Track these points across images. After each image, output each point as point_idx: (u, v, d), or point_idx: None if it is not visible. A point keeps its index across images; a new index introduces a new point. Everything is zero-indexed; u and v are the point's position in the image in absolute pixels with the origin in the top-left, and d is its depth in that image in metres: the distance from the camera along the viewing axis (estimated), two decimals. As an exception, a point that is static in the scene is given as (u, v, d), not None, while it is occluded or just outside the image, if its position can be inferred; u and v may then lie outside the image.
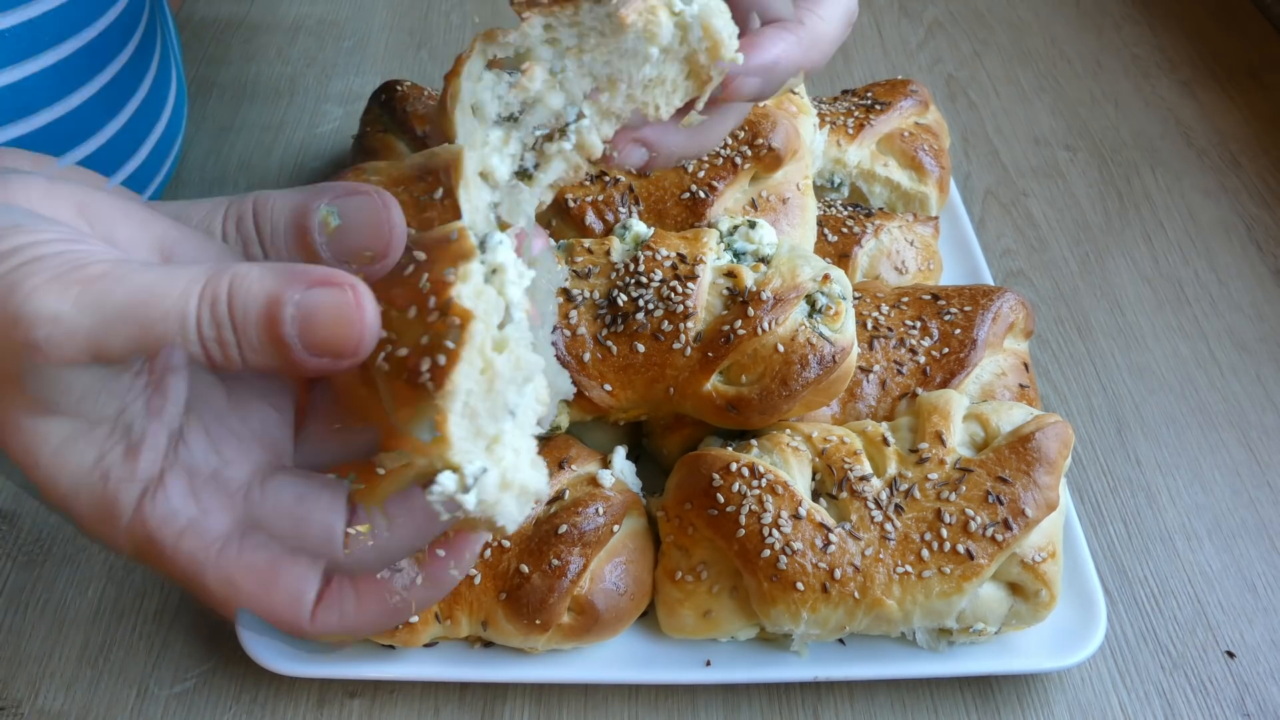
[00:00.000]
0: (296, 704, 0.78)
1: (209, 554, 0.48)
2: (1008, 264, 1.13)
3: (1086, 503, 0.91)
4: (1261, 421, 0.97)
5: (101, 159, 0.98)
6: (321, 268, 0.47)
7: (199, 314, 0.45)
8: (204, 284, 0.45)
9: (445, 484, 0.45)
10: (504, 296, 0.48)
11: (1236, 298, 1.09)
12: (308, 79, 1.38)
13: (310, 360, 0.46)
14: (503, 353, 0.47)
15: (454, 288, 0.45)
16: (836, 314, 0.77)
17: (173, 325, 0.44)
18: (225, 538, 0.49)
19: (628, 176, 0.84)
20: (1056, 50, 1.44)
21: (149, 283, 0.45)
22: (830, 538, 0.72)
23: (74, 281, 0.44)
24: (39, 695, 0.79)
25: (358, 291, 0.46)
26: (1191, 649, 0.82)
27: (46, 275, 0.44)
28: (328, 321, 0.45)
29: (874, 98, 1.08)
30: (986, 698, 0.78)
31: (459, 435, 0.45)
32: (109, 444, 0.47)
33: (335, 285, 0.46)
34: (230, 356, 0.46)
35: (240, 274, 0.46)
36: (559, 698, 0.78)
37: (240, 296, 0.45)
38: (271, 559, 0.50)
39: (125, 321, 0.44)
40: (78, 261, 0.45)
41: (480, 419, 0.46)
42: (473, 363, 0.45)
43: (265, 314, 0.45)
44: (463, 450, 0.45)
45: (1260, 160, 1.25)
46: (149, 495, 0.48)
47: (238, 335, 0.45)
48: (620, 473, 0.80)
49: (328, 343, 0.46)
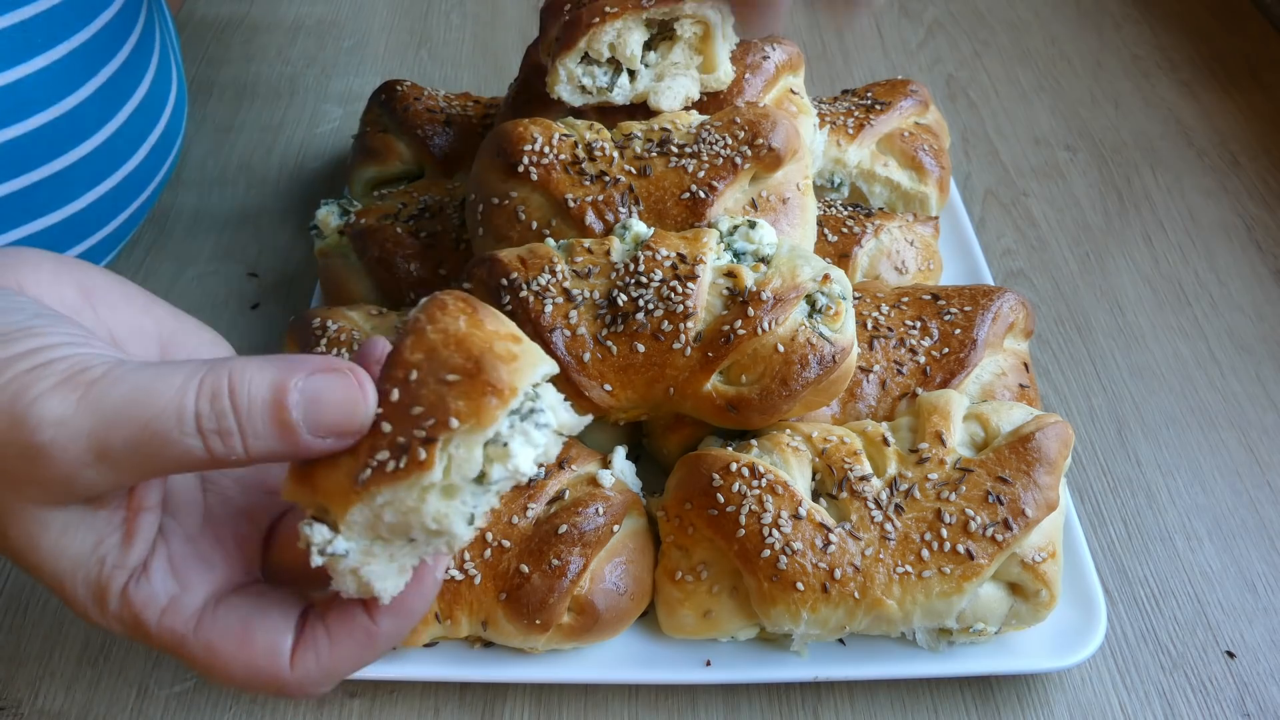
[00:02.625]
0: (296, 704, 0.78)
1: (189, 626, 0.53)
2: (1008, 264, 1.13)
3: (1086, 503, 0.91)
4: (1261, 421, 0.97)
5: (99, 159, 0.98)
6: (318, 356, 0.50)
7: (197, 408, 0.47)
8: (200, 379, 0.48)
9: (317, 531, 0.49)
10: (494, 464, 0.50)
11: (1236, 298, 1.09)
12: (308, 79, 1.38)
13: (316, 443, 0.48)
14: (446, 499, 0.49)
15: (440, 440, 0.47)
16: (836, 314, 0.77)
17: (170, 421, 0.47)
18: (202, 610, 0.53)
19: (627, 177, 0.84)
20: (1056, 50, 1.44)
21: (145, 381, 0.47)
22: (830, 538, 0.72)
23: (78, 384, 0.47)
24: (39, 695, 0.79)
25: (358, 375, 0.49)
26: (1191, 649, 0.82)
27: (54, 380, 0.47)
28: (334, 403, 0.48)
29: (874, 98, 1.08)
30: (986, 698, 0.78)
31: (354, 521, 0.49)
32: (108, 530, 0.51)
33: (337, 371, 0.49)
34: (232, 446, 0.48)
35: (239, 366, 0.48)
36: (559, 698, 0.78)
37: (243, 386, 0.48)
38: (244, 618, 0.53)
39: (124, 421, 0.47)
40: (82, 365, 0.48)
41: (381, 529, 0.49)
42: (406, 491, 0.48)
43: (272, 400, 0.48)
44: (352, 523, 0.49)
45: (1260, 160, 1.25)
46: (134, 579, 0.52)
47: (241, 423, 0.48)
48: (620, 473, 0.80)
49: (335, 424, 0.48)
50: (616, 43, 0.86)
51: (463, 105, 1.11)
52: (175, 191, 1.21)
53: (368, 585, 0.51)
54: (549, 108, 0.92)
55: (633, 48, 0.86)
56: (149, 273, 1.11)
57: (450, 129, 1.07)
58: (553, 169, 0.84)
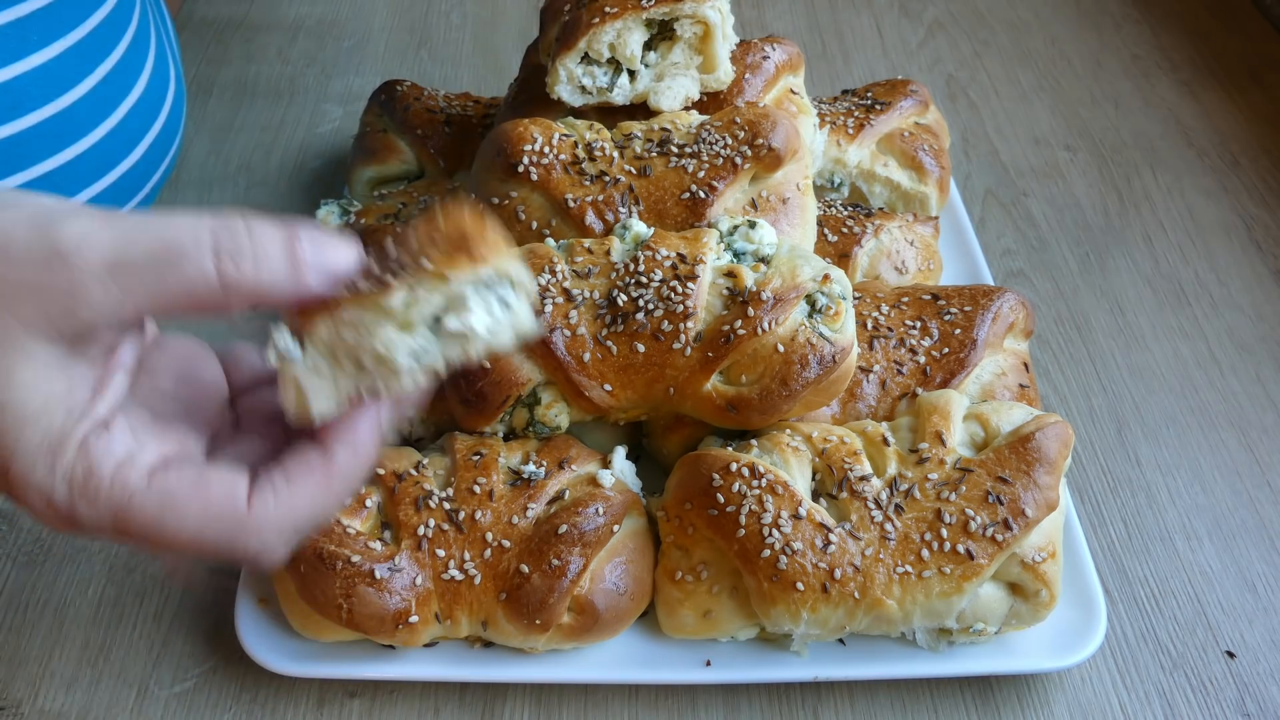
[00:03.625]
0: (296, 704, 0.78)
1: (142, 482, 0.53)
2: (1008, 264, 1.13)
3: (1086, 503, 0.91)
4: (1261, 421, 0.97)
5: (95, 158, 0.98)
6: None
7: (215, 231, 0.51)
8: (217, 217, 0.52)
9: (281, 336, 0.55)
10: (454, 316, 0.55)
11: (1236, 298, 1.09)
12: (308, 79, 1.38)
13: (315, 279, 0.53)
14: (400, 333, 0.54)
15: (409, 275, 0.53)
16: (836, 314, 0.77)
17: (187, 238, 0.50)
18: (155, 465, 0.53)
19: (627, 177, 0.84)
20: (1056, 50, 1.44)
21: (165, 214, 0.52)
22: (830, 538, 0.72)
23: (103, 213, 0.51)
24: (39, 695, 0.79)
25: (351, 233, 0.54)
26: (1191, 649, 0.82)
27: (81, 208, 0.51)
28: (338, 247, 0.54)
29: (874, 98, 1.08)
30: (986, 698, 0.78)
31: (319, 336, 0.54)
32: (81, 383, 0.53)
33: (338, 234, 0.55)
34: (244, 271, 0.51)
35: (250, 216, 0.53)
36: (559, 698, 0.78)
37: (258, 224, 0.52)
38: (198, 470, 0.54)
39: (144, 237, 0.50)
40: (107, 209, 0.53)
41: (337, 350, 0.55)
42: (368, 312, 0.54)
43: (285, 236, 0.52)
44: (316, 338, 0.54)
45: (1260, 160, 1.25)
46: (95, 431, 0.52)
47: (255, 248, 0.51)
48: (620, 473, 0.80)
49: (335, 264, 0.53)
50: (616, 43, 0.86)
51: (463, 105, 1.11)
52: (175, 191, 1.20)
53: (305, 400, 0.55)
54: (549, 108, 0.92)
55: (633, 48, 0.86)
56: (149, 273, 1.11)
57: (450, 129, 1.07)
58: (553, 169, 0.84)
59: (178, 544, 0.53)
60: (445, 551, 0.74)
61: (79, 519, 0.52)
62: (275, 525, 0.54)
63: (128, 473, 0.52)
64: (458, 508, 0.75)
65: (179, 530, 0.53)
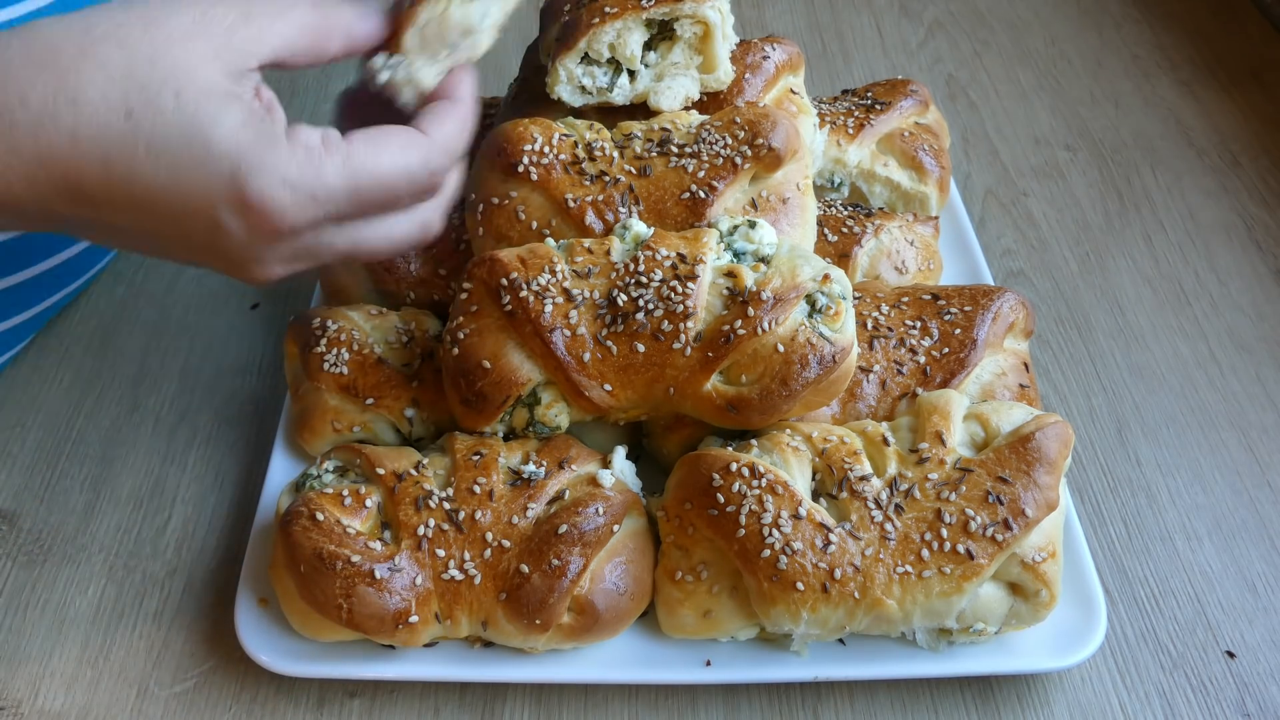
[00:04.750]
0: (296, 704, 0.78)
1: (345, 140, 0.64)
2: (1008, 264, 1.13)
3: (1086, 503, 0.91)
4: (1261, 421, 0.97)
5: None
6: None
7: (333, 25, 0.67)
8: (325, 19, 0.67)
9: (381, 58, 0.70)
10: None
11: (1236, 298, 1.09)
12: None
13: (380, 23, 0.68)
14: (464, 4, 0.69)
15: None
16: (836, 314, 0.77)
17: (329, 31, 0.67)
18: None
19: (627, 177, 0.84)
20: (1056, 50, 1.44)
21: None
22: (830, 538, 0.72)
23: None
24: (39, 695, 0.79)
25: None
26: (1191, 649, 0.82)
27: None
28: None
29: (874, 98, 1.08)
30: (986, 698, 0.78)
31: (410, 45, 0.69)
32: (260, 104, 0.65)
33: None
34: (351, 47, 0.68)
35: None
36: (559, 698, 0.79)
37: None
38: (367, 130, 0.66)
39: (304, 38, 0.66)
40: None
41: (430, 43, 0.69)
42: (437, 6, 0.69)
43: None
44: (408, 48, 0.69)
45: (1260, 160, 1.25)
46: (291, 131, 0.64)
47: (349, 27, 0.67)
48: (620, 473, 0.80)
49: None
50: (616, 43, 0.86)
51: (463, 105, 1.11)
52: (175, 191, 1.20)
53: (417, 81, 0.69)
54: (549, 108, 0.92)
55: (633, 48, 0.86)
56: (149, 271, 1.11)
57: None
58: (553, 169, 0.84)
59: (389, 182, 0.64)
60: (445, 551, 0.74)
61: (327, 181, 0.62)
62: (448, 146, 0.67)
63: (333, 135, 0.64)
64: (458, 508, 0.75)
65: (391, 167, 0.64)
